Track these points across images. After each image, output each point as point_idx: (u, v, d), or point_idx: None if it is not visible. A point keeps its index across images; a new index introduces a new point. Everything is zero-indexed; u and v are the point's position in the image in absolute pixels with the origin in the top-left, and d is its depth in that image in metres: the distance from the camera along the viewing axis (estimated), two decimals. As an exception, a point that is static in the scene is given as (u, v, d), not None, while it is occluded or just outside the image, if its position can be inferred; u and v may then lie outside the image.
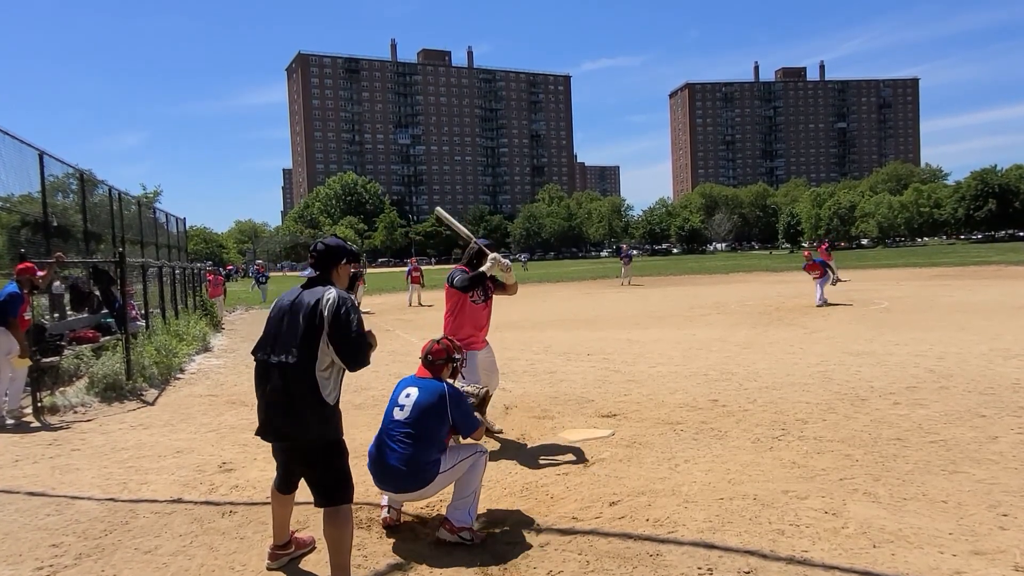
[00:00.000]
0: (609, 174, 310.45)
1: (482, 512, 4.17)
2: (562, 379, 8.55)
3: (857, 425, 5.77)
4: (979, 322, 12.16)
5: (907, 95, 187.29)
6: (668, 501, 4.22)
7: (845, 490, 4.27)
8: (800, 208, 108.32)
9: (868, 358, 8.99)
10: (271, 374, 3.23)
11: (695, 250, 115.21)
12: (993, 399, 6.47)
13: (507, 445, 5.73)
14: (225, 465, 5.37)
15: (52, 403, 7.65)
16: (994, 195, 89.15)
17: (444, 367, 4.06)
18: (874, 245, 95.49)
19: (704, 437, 5.64)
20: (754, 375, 8.21)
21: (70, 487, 5.00)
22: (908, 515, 3.84)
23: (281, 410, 3.19)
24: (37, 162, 9.20)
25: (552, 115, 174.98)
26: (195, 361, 11.69)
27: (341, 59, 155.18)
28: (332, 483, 3.24)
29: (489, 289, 5.58)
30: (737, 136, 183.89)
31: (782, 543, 3.56)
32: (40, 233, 9.95)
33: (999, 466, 4.60)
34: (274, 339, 3.26)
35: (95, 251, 12.41)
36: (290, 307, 3.26)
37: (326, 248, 3.38)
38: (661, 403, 6.94)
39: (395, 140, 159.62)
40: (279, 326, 3.27)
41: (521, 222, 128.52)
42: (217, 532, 4.04)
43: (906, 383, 7.34)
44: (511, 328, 14.17)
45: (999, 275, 25.25)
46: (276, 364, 3.21)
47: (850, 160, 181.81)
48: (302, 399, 3.15)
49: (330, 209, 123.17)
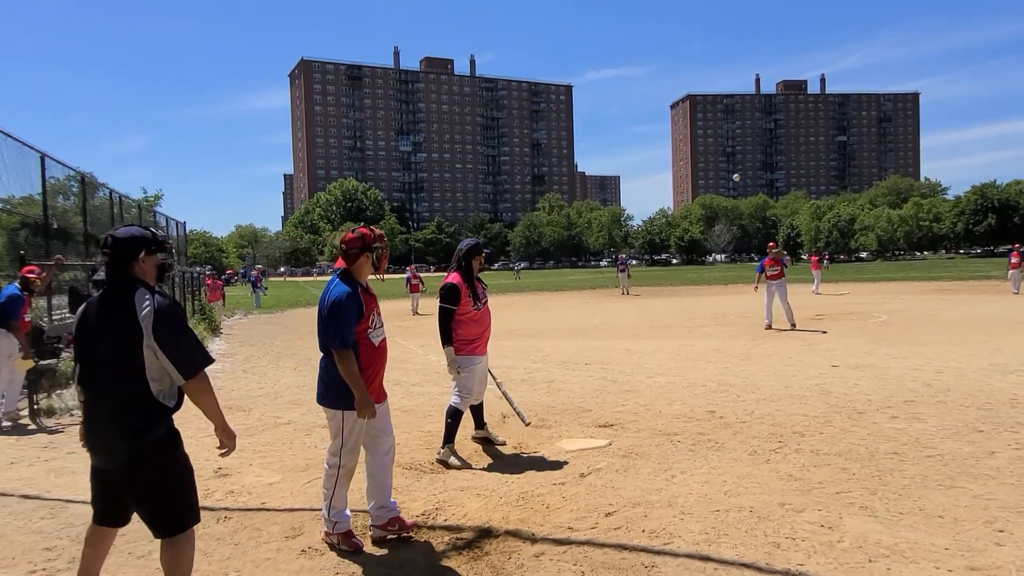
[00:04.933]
0: (609, 184, 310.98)
1: (478, 521, 4.16)
2: (560, 388, 8.53)
3: (854, 438, 5.76)
4: (977, 336, 12.16)
5: (907, 109, 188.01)
6: (664, 512, 4.21)
7: (841, 503, 4.26)
8: (800, 220, 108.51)
9: (866, 371, 8.99)
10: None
11: (694, 261, 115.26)
12: (991, 414, 6.46)
13: (503, 454, 5.71)
14: (221, 470, 5.36)
15: (49, 406, 7.64)
16: (993, 210, 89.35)
17: (359, 256, 3.80)
18: (874, 258, 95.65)
19: (701, 448, 5.63)
20: (752, 387, 8.20)
21: (65, 490, 4.99)
22: (904, 529, 3.84)
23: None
24: (38, 164, 9.22)
25: (553, 124, 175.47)
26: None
27: (344, 65, 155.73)
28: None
29: (480, 291, 5.56)
30: (738, 148, 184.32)
31: (778, 556, 3.55)
32: (40, 235, 9.95)
33: (996, 481, 4.60)
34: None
35: (95, 254, 12.42)
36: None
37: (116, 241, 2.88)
38: (659, 414, 6.93)
39: (396, 147, 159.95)
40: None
41: (521, 231, 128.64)
42: (211, 538, 4.02)
43: (904, 397, 7.34)
44: (509, 337, 14.17)
45: (998, 290, 25.26)
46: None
47: (850, 173, 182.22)
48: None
49: (330, 215, 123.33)
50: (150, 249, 2.91)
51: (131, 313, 2.75)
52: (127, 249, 2.85)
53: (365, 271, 3.87)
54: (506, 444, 5.97)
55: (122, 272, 2.85)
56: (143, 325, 2.74)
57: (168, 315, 2.79)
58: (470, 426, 5.94)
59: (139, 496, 2.85)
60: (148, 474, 2.80)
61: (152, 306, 2.76)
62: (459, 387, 5.45)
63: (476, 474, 5.16)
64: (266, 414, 7.57)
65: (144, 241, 2.89)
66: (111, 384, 2.80)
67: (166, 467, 2.84)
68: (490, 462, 5.48)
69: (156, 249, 2.94)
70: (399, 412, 6.74)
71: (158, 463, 2.82)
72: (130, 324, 2.74)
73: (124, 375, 2.77)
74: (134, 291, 2.79)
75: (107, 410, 2.81)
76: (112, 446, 2.81)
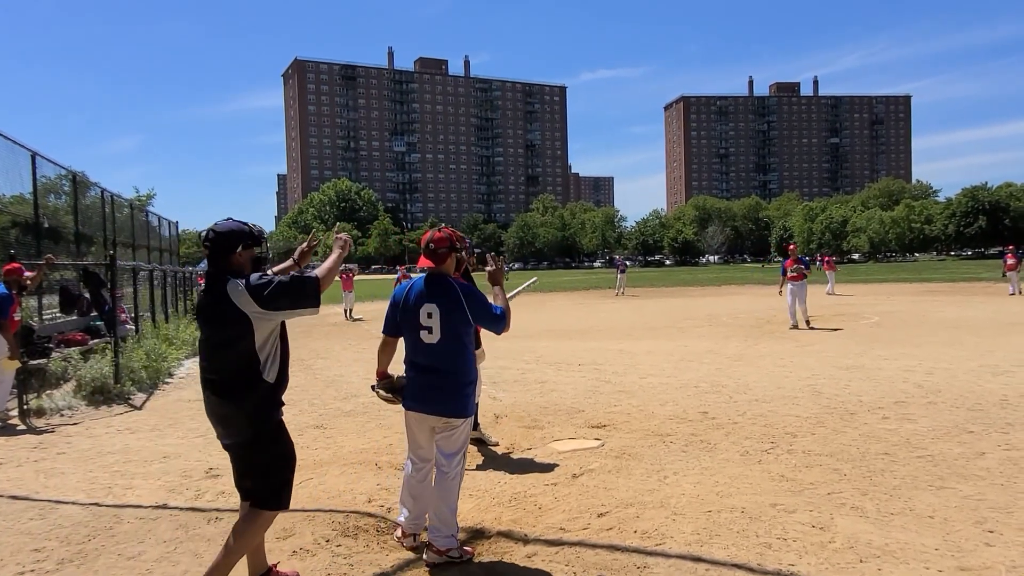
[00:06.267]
0: (603, 185, 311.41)
1: (471, 522, 4.15)
2: (553, 389, 8.54)
3: (846, 439, 5.78)
4: (968, 338, 12.23)
5: (899, 112, 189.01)
6: (656, 513, 4.21)
7: (833, 504, 4.28)
8: (793, 222, 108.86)
9: (858, 372, 9.02)
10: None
11: (688, 262, 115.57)
12: (981, 415, 6.49)
13: (496, 455, 5.71)
14: (212, 471, 5.34)
15: (39, 406, 7.59)
16: (984, 212, 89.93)
17: (447, 256, 3.71)
18: (865, 260, 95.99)
19: (693, 449, 5.64)
20: (744, 388, 8.22)
21: (54, 491, 4.96)
22: (895, 530, 3.85)
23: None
24: (29, 163, 9.18)
25: (547, 125, 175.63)
26: (184, 366, 11.62)
27: (338, 66, 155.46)
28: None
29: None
30: (731, 149, 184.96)
31: (769, 557, 3.56)
32: (31, 234, 9.90)
33: (986, 482, 4.62)
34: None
35: (86, 253, 12.36)
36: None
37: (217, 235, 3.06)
38: (651, 414, 6.94)
39: (390, 147, 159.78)
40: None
41: (515, 231, 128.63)
42: (202, 539, 4.00)
43: (895, 398, 7.37)
44: (502, 338, 14.15)
45: (988, 291, 25.42)
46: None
47: (842, 175, 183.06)
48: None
49: (324, 215, 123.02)
50: (247, 244, 3.07)
51: (230, 303, 2.93)
52: (226, 243, 3.02)
53: (450, 270, 3.78)
54: (499, 445, 5.97)
55: (220, 264, 3.02)
56: (247, 312, 2.92)
57: (260, 283, 2.94)
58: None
59: (249, 469, 3.12)
60: (262, 450, 3.07)
61: (245, 285, 2.93)
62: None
63: (468, 474, 5.13)
64: (258, 415, 7.53)
65: (242, 235, 3.06)
66: (224, 368, 3.03)
67: (278, 446, 3.12)
68: (482, 462, 5.47)
69: (252, 244, 3.10)
70: (395, 412, 6.72)
71: (271, 441, 3.10)
72: (233, 313, 2.93)
73: (234, 360, 3.00)
74: (226, 283, 2.96)
75: (224, 392, 3.03)
76: (232, 424, 3.07)
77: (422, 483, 3.79)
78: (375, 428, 6.74)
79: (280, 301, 2.95)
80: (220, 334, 3.03)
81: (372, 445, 6.06)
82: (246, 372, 3.01)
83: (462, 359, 3.65)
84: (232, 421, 3.06)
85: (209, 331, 3.08)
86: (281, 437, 3.15)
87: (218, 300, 2.96)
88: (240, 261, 3.04)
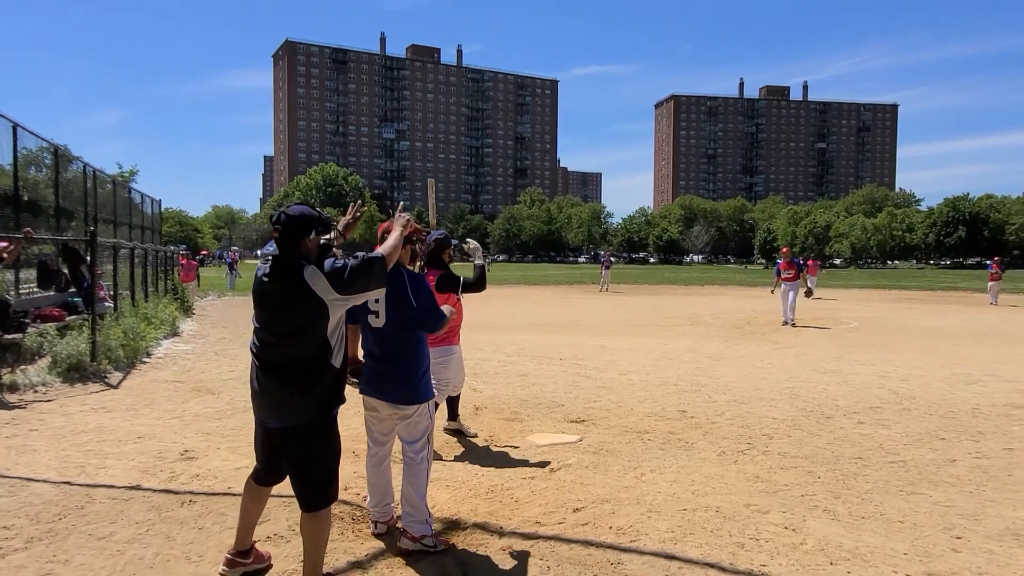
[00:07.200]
0: (591, 180, 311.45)
1: (447, 513, 4.15)
2: (533, 382, 8.55)
3: (821, 442, 5.85)
4: (944, 346, 12.41)
5: (886, 120, 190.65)
6: (632, 510, 4.24)
7: (806, 506, 4.33)
8: (777, 225, 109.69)
9: (835, 376, 9.13)
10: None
11: (672, 260, 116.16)
12: (953, 423, 6.60)
13: (475, 446, 5.72)
14: (187, 453, 5.29)
15: (12, 381, 7.48)
16: (964, 222, 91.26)
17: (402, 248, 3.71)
18: (847, 265, 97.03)
19: (671, 447, 5.68)
20: (723, 388, 8.29)
21: (25, 468, 4.89)
22: (865, 533, 3.91)
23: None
24: (10, 134, 9.01)
25: (538, 118, 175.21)
26: (163, 345, 11.50)
27: (329, 49, 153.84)
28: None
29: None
30: (719, 150, 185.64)
31: (741, 556, 3.60)
32: (10, 207, 9.73)
33: (955, 489, 4.70)
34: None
35: (66, 228, 12.17)
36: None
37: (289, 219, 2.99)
38: (630, 411, 6.98)
39: (379, 134, 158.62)
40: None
41: (501, 223, 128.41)
42: (175, 521, 3.97)
43: (870, 403, 7.47)
44: (485, 329, 14.16)
45: (965, 301, 25.80)
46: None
47: (828, 180, 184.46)
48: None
49: (310, 199, 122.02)
50: (318, 229, 3.00)
51: (307, 289, 2.88)
52: (299, 227, 2.95)
53: (404, 260, 3.82)
54: (478, 436, 5.97)
55: (290, 248, 2.94)
56: (324, 299, 2.90)
57: (337, 268, 2.93)
58: (443, 417, 5.93)
59: (297, 462, 3.09)
60: (319, 437, 3.06)
61: (323, 272, 2.90)
62: (436, 378, 5.43)
63: (446, 465, 5.16)
64: (236, 397, 7.48)
65: (315, 220, 2.99)
66: (294, 354, 2.97)
67: (328, 438, 3.10)
68: (461, 453, 5.48)
69: (323, 230, 3.04)
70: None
71: (328, 427, 3.09)
72: (310, 300, 2.89)
73: (308, 347, 2.96)
74: (302, 269, 2.90)
75: (292, 378, 2.97)
76: (290, 410, 3.01)
77: (377, 468, 3.85)
78: (353, 416, 6.70)
79: (355, 285, 2.95)
80: (293, 321, 2.94)
81: (349, 432, 6.01)
82: (317, 359, 2.98)
83: (410, 346, 3.68)
84: (290, 406, 2.99)
85: (278, 317, 2.96)
86: (335, 428, 3.14)
87: (292, 286, 2.90)
88: (310, 247, 2.99)
